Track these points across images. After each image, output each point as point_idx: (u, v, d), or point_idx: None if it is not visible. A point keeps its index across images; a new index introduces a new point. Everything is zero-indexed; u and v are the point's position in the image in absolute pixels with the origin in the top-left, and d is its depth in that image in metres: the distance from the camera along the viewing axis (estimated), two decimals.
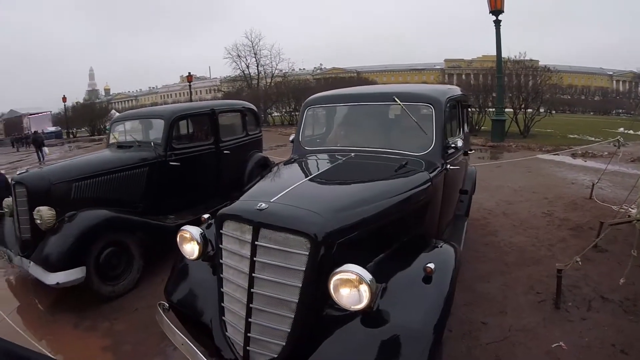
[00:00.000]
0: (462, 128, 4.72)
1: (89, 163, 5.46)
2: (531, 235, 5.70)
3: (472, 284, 4.34)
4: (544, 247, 5.29)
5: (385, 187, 3.07)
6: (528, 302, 3.97)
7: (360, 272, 2.10)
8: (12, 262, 4.95)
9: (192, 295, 2.94)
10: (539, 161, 11.70)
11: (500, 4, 15.01)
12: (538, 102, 18.55)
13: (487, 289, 4.25)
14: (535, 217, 6.52)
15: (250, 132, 7.40)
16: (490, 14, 15.32)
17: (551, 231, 5.86)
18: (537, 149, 14.04)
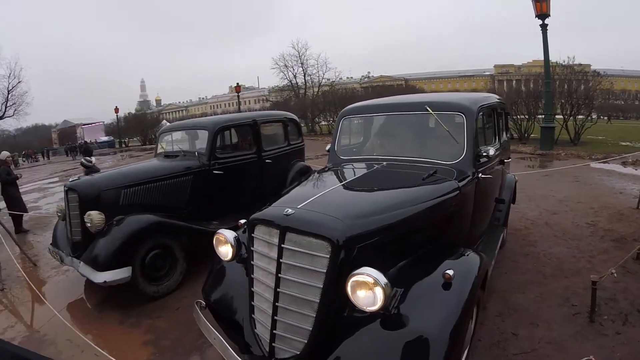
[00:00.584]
0: (498, 136, 4.70)
1: (137, 171, 5.79)
2: (572, 246, 5.56)
3: (507, 295, 4.30)
4: (584, 258, 5.14)
5: (409, 195, 3.14)
6: (562, 315, 3.89)
7: (376, 275, 2.20)
8: (63, 262, 5.29)
9: (226, 295, 3.14)
10: (587, 170, 11.33)
11: (546, 7, 14.57)
12: (589, 108, 17.89)
13: (521, 300, 4.20)
14: (578, 228, 6.34)
15: (292, 142, 7.57)
16: (536, 17, 14.92)
17: (593, 242, 5.69)
18: (587, 157, 13.54)
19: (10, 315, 5.14)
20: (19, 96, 36.67)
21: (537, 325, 3.74)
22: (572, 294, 4.24)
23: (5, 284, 6.02)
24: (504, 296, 4.28)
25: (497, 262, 4.90)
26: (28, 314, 5.19)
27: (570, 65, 19.35)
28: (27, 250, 7.60)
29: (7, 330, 4.68)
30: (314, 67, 45.54)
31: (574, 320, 3.81)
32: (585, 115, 17.72)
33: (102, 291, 5.19)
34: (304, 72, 45.73)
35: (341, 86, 49.23)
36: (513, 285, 4.50)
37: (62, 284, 5.99)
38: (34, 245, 8.33)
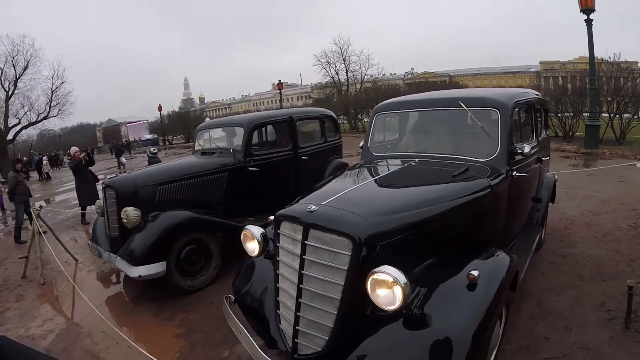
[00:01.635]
0: (535, 133, 4.56)
1: (173, 168, 5.94)
2: (612, 249, 5.34)
3: (541, 297, 4.18)
4: (624, 261, 4.92)
5: (436, 193, 3.11)
6: (596, 319, 3.74)
7: (395, 274, 2.18)
8: (101, 257, 5.47)
9: (254, 290, 3.20)
10: (632, 170, 10.89)
11: (591, 2, 14.01)
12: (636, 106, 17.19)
13: (556, 302, 4.07)
14: (620, 230, 6.08)
15: (329, 139, 7.54)
16: (581, 12, 14.41)
17: (634, 245, 5.43)
18: (632, 156, 12.99)
19: (50, 308, 5.37)
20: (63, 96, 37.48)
21: (571, 330, 3.62)
22: (609, 299, 4.07)
23: (47, 278, 6.29)
24: (539, 298, 4.16)
25: (533, 262, 4.78)
26: (67, 307, 5.40)
27: (616, 62, 18.65)
28: (71, 245, 7.86)
29: (46, 322, 4.90)
30: (356, 64, 44.95)
31: (608, 325, 3.65)
32: (632, 114, 17.05)
33: (139, 285, 5.35)
34: (346, 68, 45.19)
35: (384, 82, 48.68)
36: (548, 287, 4.37)
37: (103, 278, 6.24)
38: (77, 240, 8.68)
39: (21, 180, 9.45)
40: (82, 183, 9.48)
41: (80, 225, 9.97)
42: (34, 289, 6.09)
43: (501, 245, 3.37)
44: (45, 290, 5.98)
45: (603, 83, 17.50)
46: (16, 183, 9.28)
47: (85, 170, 9.69)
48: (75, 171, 9.77)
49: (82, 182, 9.55)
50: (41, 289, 6.03)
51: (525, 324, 3.73)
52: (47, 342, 4.43)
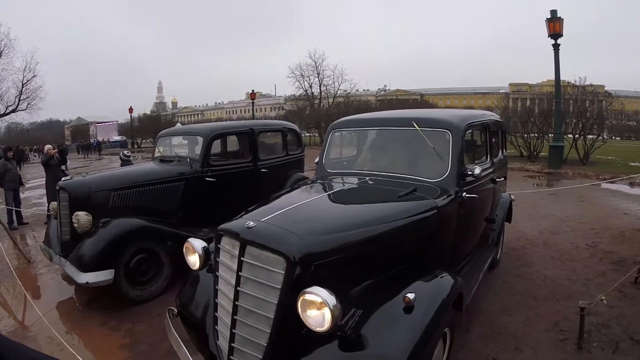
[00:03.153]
0: (490, 154, 4.60)
1: (130, 174, 5.83)
2: (568, 268, 5.42)
3: (493, 317, 4.17)
4: (580, 281, 5.00)
5: (379, 213, 3.08)
6: (549, 340, 3.75)
7: (324, 295, 2.12)
8: (52, 260, 5.33)
9: (197, 304, 3.11)
10: (594, 189, 11.21)
11: (559, 27, 14.59)
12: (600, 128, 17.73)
13: (508, 323, 4.06)
14: (577, 249, 6.20)
15: (290, 152, 7.51)
16: (549, 37, 14.91)
17: (591, 265, 5.54)
18: (595, 176, 13.37)
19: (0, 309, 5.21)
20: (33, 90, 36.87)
21: (522, 351, 3.61)
22: (562, 319, 4.09)
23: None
24: (490, 318, 4.15)
25: (487, 282, 4.82)
26: (17, 310, 5.23)
27: (582, 85, 19.26)
28: (24, 246, 7.73)
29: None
30: (330, 78, 45.42)
31: (561, 346, 3.66)
32: (596, 135, 17.55)
33: (90, 291, 5.20)
34: (320, 82, 45.57)
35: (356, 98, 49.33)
36: (501, 307, 4.38)
37: (55, 281, 6.05)
38: (34, 241, 8.44)
39: (10, 168, 9.61)
40: (52, 180, 9.22)
41: (38, 225, 9.73)
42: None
43: (450, 266, 3.40)
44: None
45: (569, 105, 18.04)
46: (5, 170, 9.48)
47: (57, 168, 9.66)
48: (46, 167, 9.79)
49: (52, 179, 9.33)
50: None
51: (474, 345, 3.70)
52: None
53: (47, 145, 10.57)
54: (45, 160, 9.77)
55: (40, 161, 10.86)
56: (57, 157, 9.68)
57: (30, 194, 15.13)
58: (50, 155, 9.67)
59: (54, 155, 9.66)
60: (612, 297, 4.30)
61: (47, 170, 9.86)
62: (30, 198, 14.06)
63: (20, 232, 9.28)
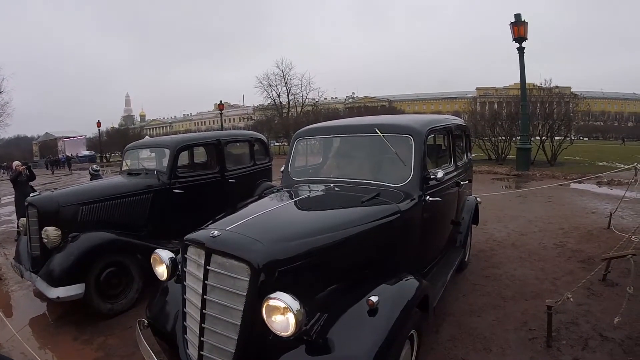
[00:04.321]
0: (453, 158, 4.68)
1: (97, 188, 5.79)
2: (536, 268, 5.54)
3: (461, 318, 4.24)
4: (548, 280, 5.11)
5: (342, 218, 3.12)
6: (518, 339, 3.82)
7: (288, 300, 2.16)
8: (23, 276, 5.29)
9: (166, 314, 3.12)
10: (561, 190, 11.49)
11: (523, 31, 14.98)
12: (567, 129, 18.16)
13: (476, 323, 4.13)
14: (546, 249, 6.36)
15: (258, 162, 7.56)
16: (513, 41, 15.27)
17: (559, 264, 5.68)
18: (562, 177, 13.71)
19: None
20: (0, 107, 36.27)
21: (490, 351, 3.67)
22: (531, 318, 4.17)
23: None
24: (459, 320, 4.21)
25: (456, 284, 4.90)
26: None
27: (548, 87, 19.71)
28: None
29: None
30: (297, 87, 46.14)
31: (530, 345, 3.73)
32: (563, 136, 17.97)
33: (62, 306, 5.15)
34: (288, 91, 46.30)
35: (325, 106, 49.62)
36: (470, 309, 4.45)
37: (27, 298, 5.95)
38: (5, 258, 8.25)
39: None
40: (21, 197, 9.06)
41: (8, 243, 9.50)
42: None
43: (416, 269, 3.42)
44: None
45: (536, 107, 18.44)
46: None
47: (26, 184, 9.55)
48: (15, 184, 9.70)
49: (21, 195, 9.14)
50: None
51: (443, 346, 3.75)
52: None
53: (15, 162, 10.47)
54: (14, 176, 9.67)
55: (9, 178, 10.72)
56: (25, 174, 9.58)
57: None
58: (18, 171, 9.57)
59: (23, 172, 9.56)
60: (580, 294, 4.42)
61: (16, 187, 9.74)
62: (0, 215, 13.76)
63: None
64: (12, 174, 9.92)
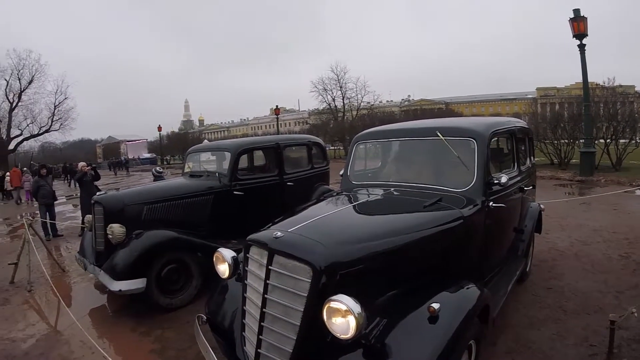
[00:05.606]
0: (517, 162, 4.54)
1: (161, 189, 6.11)
2: (600, 280, 5.27)
3: (520, 331, 4.09)
4: (611, 294, 4.85)
5: (404, 223, 3.10)
6: (577, 355, 3.64)
7: (349, 303, 2.17)
8: (86, 269, 5.59)
9: (225, 311, 3.23)
10: (627, 197, 10.91)
11: (583, 27, 14.18)
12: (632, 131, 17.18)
13: (536, 337, 3.97)
14: (610, 260, 6.03)
15: (315, 165, 7.62)
16: (573, 38, 14.52)
17: (624, 276, 5.37)
18: (628, 183, 13.00)
19: (34, 314, 5.52)
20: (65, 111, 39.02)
21: None
22: (592, 333, 3.98)
23: (34, 286, 6.41)
24: (518, 332, 4.07)
25: (516, 295, 4.74)
26: (51, 315, 5.50)
27: (611, 87, 18.73)
28: (58, 257, 8.13)
29: (28, 327, 5.04)
30: (352, 91, 45.78)
31: None
32: (629, 139, 17.06)
33: (122, 299, 5.43)
34: (343, 95, 45.97)
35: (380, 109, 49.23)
36: (529, 321, 4.29)
37: (88, 290, 6.33)
38: (68, 252, 8.83)
39: (43, 184, 10.17)
40: (86, 196, 9.60)
41: (72, 238, 10.17)
42: (20, 295, 6.25)
43: (476, 277, 3.34)
44: (31, 297, 6.11)
45: (599, 108, 17.57)
46: (38, 187, 10.15)
47: (90, 184, 10.04)
48: (80, 183, 10.34)
49: (86, 194, 9.72)
50: (27, 296, 6.17)
51: (501, 359, 3.64)
52: (26, 346, 4.56)
53: (80, 163, 11.22)
54: (80, 176, 10.23)
55: (75, 178, 11.28)
56: (90, 174, 10.06)
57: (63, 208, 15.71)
58: (84, 172, 10.11)
59: (88, 172, 10.06)
60: None
61: (81, 186, 10.32)
62: (65, 212, 14.56)
63: (55, 243, 9.72)
64: (78, 173, 10.49)
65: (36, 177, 10.90)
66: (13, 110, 36.52)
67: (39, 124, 37.89)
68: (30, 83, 36.60)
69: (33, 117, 37.56)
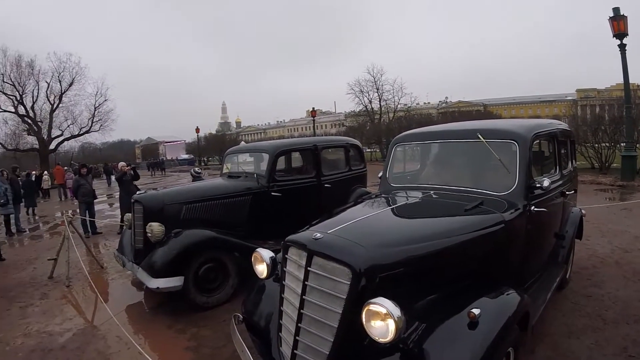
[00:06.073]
0: (559, 166, 4.44)
1: (200, 189, 6.24)
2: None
3: (559, 339, 4.00)
4: None
5: (445, 227, 3.07)
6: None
7: (389, 306, 2.17)
8: (125, 266, 5.76)
9: (261, 311, 3.26)
10: None
11: (623, 26, 13.63)
12: None
13: (574, 346, 3.88)
14: None
15: (353, 168, 7.61)
16: (614, 37, 14.01)
17: None
18: None
19: (71, 309, 5.71)
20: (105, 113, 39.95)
21: None
22: (632, 343, 3.86)
23: (72, 282, 6.64)
24: (556, 340, 3.99)
25: (555, 302, 4.64)
26: (88, 310, 5.67)
27: None
28: (97, 253, 8.43)
29: (65, 321, 5.20)
30: (389, 92, 45.23)
31: None
32: None
33: (158, 297, 5.54)
34: (379, 97, 45.51)
35: (417, 112, 48.68)
36: (568, 330, 4.19)
37: (125, 286, 6.51)
38: (107, 249, 9.09)
39: (83, 183, 10.61)
40: (125, 195, 9.87)
41: (110, 235, 10.48)
42: (59, 290, 6.47)
43: (517, 284, 3.27)
44: (69, 292, 6.32)
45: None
46: (78, 185, 10.60)
47: (130, 183, 10.32)
48: (120, 183, 10.56)
49: (125, 193, 10.00)
50: (65, 291, 6.38)
51: None
52: (63, 339, 4.70)
53: (120, 163, 11.54)
54: (119, 176, 10.50)
55: (115, 177, 11.68)
56: (130, 174, 10.34)
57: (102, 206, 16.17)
58: (123, 172, 10.39)
59: (127, 172, 10.33)
60: None
61: (121, 186, 10.57)
62: (104, 210, 14.99)
63: (94, 240, 10.04)
64: (117, 173, 10.77)
65: (76, 176, 11.28)
66: (54, 111, 37.65)
67: (79, 124, 39.03)
68: (70, 85, 37.70)
69: (73, 118, 38.73)
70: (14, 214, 11.71)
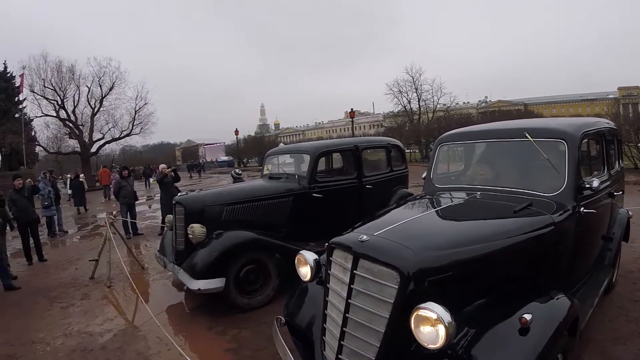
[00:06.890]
0: (607, 166, 4.29)
1: (241, 190, 6.23)
2: None
3: (606, 346, 3.86)
4: None
5: (495, 229, 2.99)
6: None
7: (439, 311, 2.11)
8: (166, 267, 5.86)
9: (304, 314, 3.24)
10: None
11: None
12: None
13: (621, 352, 3.73)
14: None
15: (395, 168, 7.52)
16: None
17: None
18: None
19: (112, 309, 5.83)
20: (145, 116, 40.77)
21: None
22: None
23: (113, 282, 6.78)
24: (603, 347, 3.84)
25: (601, 307, 4.48)
26: (128, 311, 5.80)
27: None
28: (138, 254, 8.58)
29: (106, 322, 5.31)
30: (428, 92, 44.67)
31: None
32: None
33: (199, 298, 5.60)
34: (418, 97, 44.97)
35: (457, 111, 47.99)
36: (615, 335, 4.04)
37: (166, 287, 6.60)
38: (148, 250, 9.28)
39: (124, 185, 10.92)
40: (166, 196, 10.05)
41: (151, 236, 10.68)
42: (100, 290, 6.61)
43: (564, 287, 3.19)
44: (110, 293, 6.45)
45: None
46: (119, 187, 10.91)
47: (171, 185, 10.51)
48: (161, 184, 10.73)
49: (166, 195, 10.18)
50: (106, 291, 6.51)
51: None
52: (103, 340, 4.79)
53: (161, 165, 11.65)
54: (160, 178, 10.69)
55: (155, 179, 12.03)
56: (171, 176, 10.52)
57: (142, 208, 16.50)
58: (164, 174, 10.56)
59: (168, 174, 10.51)
60: None
61: (162, 187, 10.77)
62: (145, 212, 15.33)
63: (135, 242, 10.24)
64: (158, 175, 10.96)
65: (118, 177, 11.54)
66: (95, 115, 38.66)
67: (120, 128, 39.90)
68: (110, 89, 38.62)
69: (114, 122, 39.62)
70: (56, 214, 12.04)
